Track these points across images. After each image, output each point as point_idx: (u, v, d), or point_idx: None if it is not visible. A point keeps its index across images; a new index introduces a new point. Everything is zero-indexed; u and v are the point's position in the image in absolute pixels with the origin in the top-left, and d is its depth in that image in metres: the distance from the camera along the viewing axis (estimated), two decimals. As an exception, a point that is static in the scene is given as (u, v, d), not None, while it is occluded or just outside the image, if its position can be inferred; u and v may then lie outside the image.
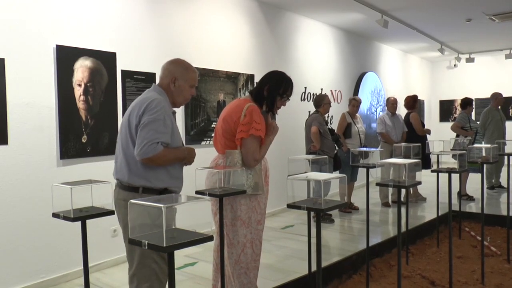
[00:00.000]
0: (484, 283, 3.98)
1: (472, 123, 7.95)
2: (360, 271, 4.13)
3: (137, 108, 2.64)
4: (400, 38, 10.59)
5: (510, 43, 11.78)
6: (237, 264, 3.14)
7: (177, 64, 2.88)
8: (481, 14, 8.53)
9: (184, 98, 2.88)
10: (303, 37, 8.07)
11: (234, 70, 6.42)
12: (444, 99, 14.61)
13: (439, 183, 5.57)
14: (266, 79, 3.29)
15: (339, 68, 9.24)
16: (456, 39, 11.09)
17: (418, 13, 8.36)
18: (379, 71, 10.95)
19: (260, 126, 3.07)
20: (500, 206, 7.16)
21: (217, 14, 6.21)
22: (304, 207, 2.09)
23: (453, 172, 3.46)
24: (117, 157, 2.80)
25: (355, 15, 8.20)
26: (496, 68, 13.76)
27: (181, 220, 2.01)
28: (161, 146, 2.56)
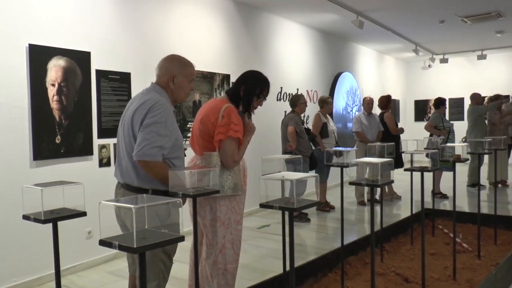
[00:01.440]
0: (456, 279, 4.05)
1: (445, 122, 8.11)
2: (335, 269, 4.17)
3: (140, 111, 2.62)
4: (376, 39, 10.72)
5: (482, 44, 12.04)
6: (215, 265, 3.12)
7: (174, 61, 2.87)
8: (453, 16, 8.70)
9: (185, 94, 2.88)
10: (279, 37, 8.10)
11: (210, 70, 6.42)
12: (419, 99, 14.85)
13: (414, 182, 5.66)
14: (243, 79, 3.26)
15: (315, 68, 9.31)
16: (430, 40, 11.28)
17: (393, 14, 8.48)
18: (355, 71, 11.07)
19: (238, 127, 3.04)
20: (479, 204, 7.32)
21: (193, 13, 6.20)
22: (276, 206, 2.11)
23: (426, 171, 3.51)
24: (121, 160, 2.78)
25: (330, 16, 8.28)
26: (469, 68, 14.05)
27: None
28: (160, 157, 2.56)
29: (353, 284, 3.99)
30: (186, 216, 3.26)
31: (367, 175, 2.82)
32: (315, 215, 6.99)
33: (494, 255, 4.71)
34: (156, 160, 2.55)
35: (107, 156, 4.98)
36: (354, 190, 7.81)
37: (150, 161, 2.54)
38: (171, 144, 2.68)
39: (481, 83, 13.32)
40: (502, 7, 8.24)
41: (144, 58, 5.41)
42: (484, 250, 4.83)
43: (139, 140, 2.56)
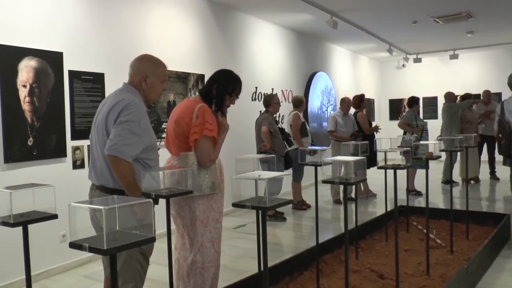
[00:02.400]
0: (429, 274, 4.12)
1: (419, 120, 8.25)
2: (311, 267, 4.20)
3: (114, 111, 2.62)
4: (350, 39, 10.82)
5: (454, 44, 12.26)
6: (193, 264, 3.14)
7: (147, 61, 2.87)
8: (426, 16, 8.84)
9: (157, 94, 2.89)
10: (254, 37, 8.12)
11: (184, 70, 6.40)
12: (393, 98, 15.05)
13: (388, 180, 5.73)
14: (215, 78, 3.28)
15: (290, 68, 9.35)
16: (404, 40, 11.44)
17: (367, 15, 8.57)
18: (330, 71, 11.15)
19: (213, 126, 3.06)
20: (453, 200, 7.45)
21: (167, 13, 6.17)
22: (249, 205, 2.11)
23: (398, 169, 3.56)
24: (95, 161, 2.76)
25: (305, 16, 8.33)
26: (441, 68, 14.30)
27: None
28: (131, 158, 2.56)
29: (329, 281, 4.03)
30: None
31: (338, 173, 2.85)
32: (291, 214, 7.03)
33: (466, 250, 4.80)
34: (126, 159, 2.54)
35: (81, 158, 4.92)
36: (330, 188, 7.87)
37: (119, 158, 2.53)
38: (146, 145, 2.68)
39: (453, 82, 13.56)
40: (472, 8, 8.41)
41: (118, 58, 5.37)
42: (457, 246, 4.92)
43: (112, 135, 2.56)
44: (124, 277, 2.65)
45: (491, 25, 9.98)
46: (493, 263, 4.60)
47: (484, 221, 5.74)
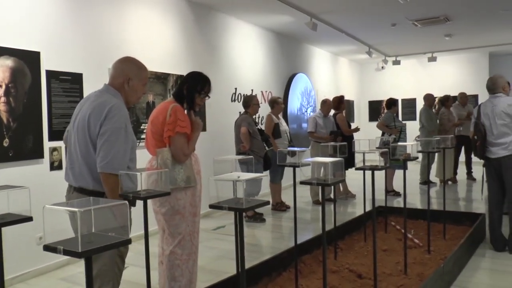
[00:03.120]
0: (407, 273, 4.17)
1: (397, 122, 8.35)
2: (290, 268, 4.21)
3: (97, 114, 2.61)
4: (330, 41, 10.89)
5: (432, 47, 12.42)
6: (171, 255, 3.29)
7: (130, 63, 2.90)
8: (404, 19, 8.95)
9: (137, 97, 2.94)
10: (234, 38, 8.12)
11: (164, 70, 6.37)
12: (372, 100, 15.19)
13: (367, 180, 5.79)
14: (185, 79, 3.50)
15: (269, 69, 9.38)
16: (383, 42, 11.56)
17: (346, 17, 8.64)
18: (309, 73, 11.21)
19: (185, 123, 3.26)
20: (430, 201, 7.56)
21: (146, 13, 6.14)
22: (226, 207, 2.12)
23: (376, 170, 3.59)
24: (73, 163, 2.74)
25: (285, 18, 8.36)
26: (420, 70, 14.48)
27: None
28: (123, 171, 2.60)
29: (308, 282, 4.05)
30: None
31: (316, 174, 2.87)
32: (271, 215, 7.05)
33: (443, 250, 4.87)
34: (117, 173, 2.58)
35: (59, 159, 4.86)
36: (309, 189, 7.91)
37: (112, 174, 2.58)
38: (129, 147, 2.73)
39: (432, 84, 13.75)
40: (450, 12, 8.55)
41: (96, 58, 5.33)
42: (434, 245, 4.99)
43: (104, 152, 2.57)
44: (102, 280, 2.66)
45: (468, 28, 10.15)
46: (469, 262, 4.68)
47: (460, 221, 5.83)
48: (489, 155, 4.99)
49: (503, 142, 4.86)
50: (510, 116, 4.84)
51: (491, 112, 4.93)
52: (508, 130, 4.85)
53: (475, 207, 7.32)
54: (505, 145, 4.85)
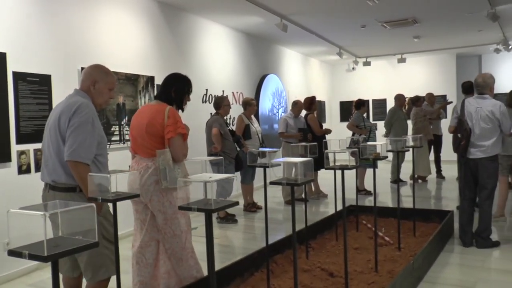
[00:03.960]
0: (377, 271, 4.22)
1: (366, 122, 8.48)
2: (262, 268, 4.23)
3: (66, 113, 2.84)
4: (300, 42, 10.95)
5: (401, 48, 12.61)
6: (184, 250, 3.47)
7: (97, 69, 3.12)
8: (373, 21, 9.07)
9: (104, 100, 3.11)
10: (204, 39, 8.11)
11: (134, 71, 6.32)
12: (343, 100, 15.34)
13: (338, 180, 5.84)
14: (171, 81, 3.63)
15: (240, 70, 9.39)
16: (353, 43, 11.68)
17: (316, 18, 8.71)
18: (281, 74, 11.26)
19: (183, 125, 3.44)
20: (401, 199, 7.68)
21: (115, 14, 6.08)
22: (195, 208, 2.12)
23: (346, 169, 3.63)
24: (47, 160, 2.94)
25: (255, 19, 8.38)
26: (390, 71, 14.69)
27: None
28: (90, 160, 2.82)
29: (279, 281, 4.07)
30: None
31: (286, 174, 2.89)
32: (243, 216, 7.06)
33: (413, 247, 4.95)
34: (85, 162, 2.79)
35: (27, 162, 4.77)
36: (281, 190, 7.95)
37: (79, 163, 2.78)
38: (98, 142, 2.92)
39: (401, 85, 13.95)
40: (417, 14, 8.71)
41: (65, 60, 5.25)
42: (404, 242, 5.07)
43: (71, 141, 2.78)
44: (93, 267, 2.87)
45: (436, 30, 10.36)
46: (438, 258, 4.79)
47: (430, 218, 5.95)
48: (467, 155, 5.09)
49: (483, 144, 4.95)
50: (494, 121, 4.94)
51: (475, 112, 5.00)
52: (490, 134, 4.94)
53: (444, 205, 7.48)
54: (484, 147, 4.95)
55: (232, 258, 4.59)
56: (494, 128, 4.94)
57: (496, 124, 4.94)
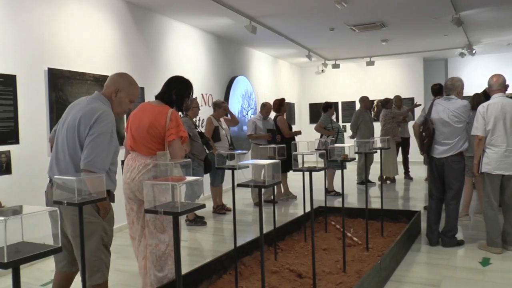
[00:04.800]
0: (346, 271, 4.26)
1: (334, 123, 8.57)
2: (230, 270, 4.22)
3: (87, 118, 2.86)
4: (270, 44, 10.98)
5: (370, 51, 12.80)
6: (167, 248, 3.54)
7: (123, 77, 3.17)
8: (342, 24, 9.17)
9: (122, 110, 3.16)
10: (173, 40, 8.06)
11: (102, 72, 6.23)
12: (313, 102, 15.44)
13: (307, 181, 5.87)
14: (172, 84, 3.77)
15: (210, 71, 9.36)
16: (322, 46, 11.77)
17: (285, 21, 8.75)
18: (250, 75, 11.27)
19: (183, 128, 3.59)
20: (370, 200, 7.80)
21: (83, 13, 5.98)
22: (161, 211, 2.10)
23: (314, 171, 3.65)
24: (59, 159, 2.96)
25: (224, 20, 8.36)
26: (359, 73, 14.86)
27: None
28: (104, 171, 2.81)
29: (248, 283, 4.07)
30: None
31: (254, 176, 2.89)
32: (212, 218, 7.04)
33: (381, 247, 5.03)
34: (100, 173, 2.77)
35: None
36: (250, 191, 7.96)
37: (94, 173, 2.78)
38: (113, 151, 2.98)
39: (370, 88, 14.16)
40: (385, 18, 8.85)
41: (31, 60, 5.14)
42: (372, 242, 5.13)
43: (89, 150, 2.80)
44: (91, 269, 2.93)
45: (403, 34, 10.55)
46: (405, 257, 4.88)
47: (397, 218, 6.04)
48: (434, 154, 5.21)
49: (449, 143, 5.09)
50: (459, 121, 5.07)
51: (443, 112, 5.13)
52: (455, 133, 5.08)
53: (412, 205, 7.61)
54: (450, 146, 5.08)
55: (201, 261, 4.57)
56: (459, 127, 5.08)
57: (463, 123, 5.09)
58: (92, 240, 2.91)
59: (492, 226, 4.98)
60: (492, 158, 4.92)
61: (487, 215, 5.02)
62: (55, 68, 5.46)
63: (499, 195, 5.03)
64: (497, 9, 8.47)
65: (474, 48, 12.34)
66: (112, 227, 3.11)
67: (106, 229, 3.02)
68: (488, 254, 4.89)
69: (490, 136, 4.93)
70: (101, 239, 2.97)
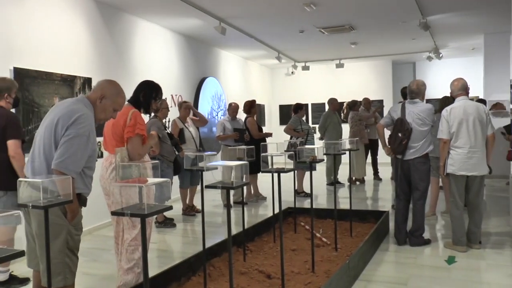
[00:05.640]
0: (314, 271, 4.30)
1: (304, 125, 8.63)
2: (199, 272, 4.20)
3: (65, 119, 2.83)
4: (239, 45, 10.99)
5: (339, 53, 12.91)
6: (132, 241, 3.74)
7: (111, 85, 3.18)
8: (312, 27, 9.24)
9: (105, 117, 3.16)
10: (143, 40, 7.99)
11: (70, 72, 6.13)
12: (283, 104, 15.51)
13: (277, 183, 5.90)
14: (141, 87, 4.03)
15: (179, 72, 9.31)
16: (292, 48, 11.84)
17: (255, 22, 8.77)
18: (220, 77, 11.25)
19: (143, 126, 3.75)
20: (339, 201, 7.87)
21: (50, 12, 5.87)
22: (128, 213, 2.08)
23: (282, 172, 3.67)
24: (35, 158, 2.94)
25: (194, 21, 8.33)
26: (329, 76, 14.99)
27: None
28: (76, 174, 2.79)
29: (216, 285, 4.06)
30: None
31: (223, 178, 2.89)
32: (181, 220, 7.00)
33: (350, 247, 5.08)
34: (71, 175, 2.70)
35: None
36: (220, 193, 7.94)
37: (67, 173, 2.72)
38: (88, 155, 2.92)
39: (340, 90, 14.28)
40: (354, 21, 8.98)
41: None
42: (341, 243, 5.19)
43: (62, 150, 2.77)
44: (53, 271, 2.78)
45: (372, 37, 10.70)
46: (374, 256, 4.95)
47: (366, 219, 6.13)
48: (400, 156, 5.30)
49: (415, 146, 5.19)
50: (424, 124, 5.18)
51: (408, 115, 5.22)
52: (421, 135, 5.18)
53: (380, 205, 7.72)
54: (415, 148, 5.18)
55: (170, 263, 4.53)
56: (424, 130, 5.19)
57: (428, 126, 5.20)
58: (56, 242, 2.84)
59: (458, 226, 5.10)
60: (456, 160, 5.04)
61: (453, 215, 5.14)
62: (21, 67, 5.34)
63: (465, 195, 5.16)
64: (462, 14, 8.70)
65: (441, 52, 12.62)
66: (80, 232, 3.04)
67: (71, 233, 2.96)
68: (453, 253, 5.01)
69: (454, 138, 5.05)
70: (66, 242, 2.91)
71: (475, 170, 4.99)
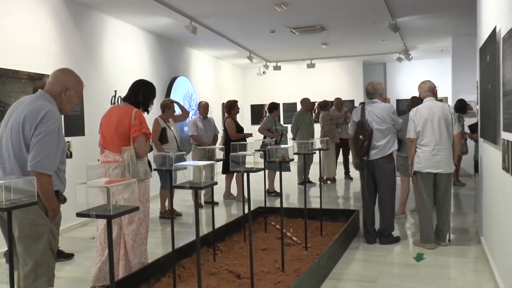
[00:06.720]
0: (284, 270, 4.31)
1: (278, 125, 8.65)
2: (169, 273, 4.16)
3: (32, 118, 2.79)
4: (211, 45, 10.97)
5: (310, 54, 13.02)
6: (137, 236, 4.01)
7: (71, 76, 3.13)
8: (282, 27, 9.28)
9: (71, 107, 3.15)
10: (113, 38, 7.88)
11: (38, 71, 6.01)
12: (255, 104, 15.55)
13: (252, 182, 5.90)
14: (139, 86, 4.24)
15: (150, 71, 9.22)
16: (263, 48, 11.87)
17: (226, 22, 8.76)
18: (191, 76, 11.20)
19: (147, 125, 4.01)
20: (310, 200, 7.94)
21: (17, 8, 5.74)
22: (93, 214, 2.05)
23: (251, 171, 3.66)
24: (4, 161, 2.89)
25: (165, 20, 8.27)
26: (300, 75, 15.09)
27: None
28: (53, 172, 2.80)
29: (186, 286, 4.04)
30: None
31: (191, 178, 2.88)
32: (158, 222, 6.93)
33: (320, 246, 5.11)
34: (49, 174, 2.78)
35: None
36: (191, 193, 7.90)
37: (44, 174, 2.74)
38: (61, 150, 2.91)
39: (311, 89, 14.38)
40: (325, 22, 9.06)
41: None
42: (311, 242, 5.21)
43: (36, 151, 2.74)
44: (37, 274, 2.84)
45: (343, 38, 10.82)
46: (344, 255, 5.00)
47: (336, 218, 6.17)
48: (365, 157, 5.36)
49: (378, 145, 5.26)
50: (385, 123, 5.26)
51: (369, 115, 5.30)
52: (383, 134, 5.26)
53: (351, 204, 7.81)
54: (379, 148, 5.26)
55: (139, 264, 4.49)
56: (386, 129, 5.27)
57: (389, 124, 5.28)
58: (40, 243, 2.81)
59: (426, 223, 5.20)
60: (421, 157, 5.15)
61: (421, 213, 5.24)
62: (-15, 66, 5.22)
63: (434, 193, 5.26)
64: (431, 17, 8.87)
65: (411, 53, 12.85)
66: (59, 231, 3.01)
67: (54, 232, 2.94)
68: (422, 250, 5.10)
69: (420, 137, 5.16)
70: (49, 243, 2.88)
71: (441, 168, 5.10)
